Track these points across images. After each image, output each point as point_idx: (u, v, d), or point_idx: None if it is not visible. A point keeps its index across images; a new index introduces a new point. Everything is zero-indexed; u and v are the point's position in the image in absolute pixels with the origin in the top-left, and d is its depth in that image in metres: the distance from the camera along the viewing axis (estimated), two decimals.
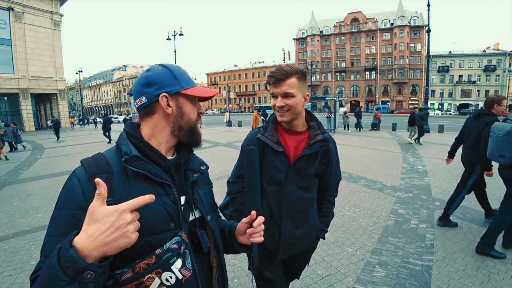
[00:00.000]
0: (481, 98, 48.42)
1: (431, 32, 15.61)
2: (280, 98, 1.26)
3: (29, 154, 11.12)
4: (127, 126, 0.83)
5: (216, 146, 11.58)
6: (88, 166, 0.70)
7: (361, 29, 55.70)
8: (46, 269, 0.53)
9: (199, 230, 0.81)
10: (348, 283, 2.52)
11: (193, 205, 0.83)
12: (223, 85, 72.60)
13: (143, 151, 0.76)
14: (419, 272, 2.65)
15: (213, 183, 1.01)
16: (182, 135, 0.81)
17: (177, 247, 0.69)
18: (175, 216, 0.74)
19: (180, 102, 0.80)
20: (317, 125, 1.40)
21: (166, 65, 0.82)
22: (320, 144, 1.34)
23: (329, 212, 1.57)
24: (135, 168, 0.71)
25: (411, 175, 6.31)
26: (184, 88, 0.80)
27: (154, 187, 0.72)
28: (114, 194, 0.67)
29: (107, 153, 0.77)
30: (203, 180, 0.92)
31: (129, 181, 0.71)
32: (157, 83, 0.78)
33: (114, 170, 0.71)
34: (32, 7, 24.80)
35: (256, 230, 0.82)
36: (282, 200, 1.37)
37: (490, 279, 2.52)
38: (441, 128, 15.79)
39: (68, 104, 43.38)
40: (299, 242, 1.43)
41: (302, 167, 1.35)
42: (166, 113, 0.78)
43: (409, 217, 3.97)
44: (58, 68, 27.26)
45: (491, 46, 51.27)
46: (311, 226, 1.45)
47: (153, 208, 0.70)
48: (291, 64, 1.31)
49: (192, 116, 0.82)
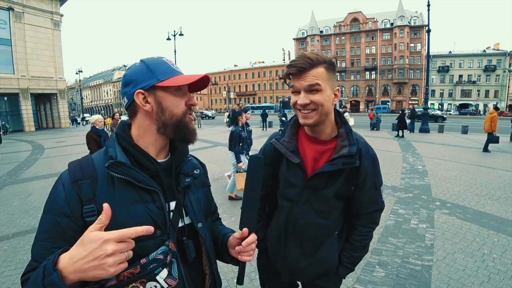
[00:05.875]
0: (481, 98, 48.48)
1: (431, 32, 15.61)
2: (304, 94, 0.99)
3: (29, 154, 11.11)
4: (119, 127, 0.79)
5: (216, 146, 11.57)
6: (73, 171, 0.69)
7: (361, 29, 55.65)
8: (32, 283, 0.54)
9: (186, 239, 0.78)
10: (348, 283, 2.52)
11: (183, 211, 0.79)
12: (223, 85, 72.60)
13: (132, 153, 0.73)
14: (419, 272, 2.65)
15: (213, 183, 0.99)
16: (168, 132, 0.75)
17: (162, 257, 0.68)
18: (161, 224, 0.71)
19: (159, 97, 0.73)
20: (345, 133, 1.09)
21: (144, 59, 0.76)
22: (344, 160, 1.03)
23: (359, 246, 1.20)
24: (119, 174, 0.68)
25: (411, 175, 6.31)
26: (160, 80, 0.72)
27: (140, 193, 0.70)
28: (98, 200, 0.66)
29: (95, 156, 0.74)
30: (197, 184, 0.87)
31: (114, 187, 0.68)
32: (133, 81, 0.74)
33: (98, 175, 0.69)
34: (32, 7, 24.77)
35: (245, 249, 0.75)
36: (290, 220, 1.15)
37: (490, 279, 2.52)
38: (441, 128, 15.79)
39: (68, 104, 43.36)
40: (304, 272, 1.19)
41: (319, 186, 1.08)
42: (146, 111, 0.73)
43: (409, 217, 3.97)
44: (58, 68, 27.22)
45: (491, 46, 51.26)
46: (323, 258, 1.17)
47: (138, 215, 0.68)
48: (317, 51, 1.05)
49: (176, 110, 0.74)
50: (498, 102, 46.46)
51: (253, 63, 73.33)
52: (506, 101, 46.34)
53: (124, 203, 0.68)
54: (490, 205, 4.39)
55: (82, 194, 0.66)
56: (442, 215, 4.02)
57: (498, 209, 4.19)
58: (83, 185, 0.67)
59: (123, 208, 0.67)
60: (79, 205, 0.65)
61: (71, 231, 0.64)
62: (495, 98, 47.69)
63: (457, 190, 5.15)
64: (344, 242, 1.23)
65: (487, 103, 47.65)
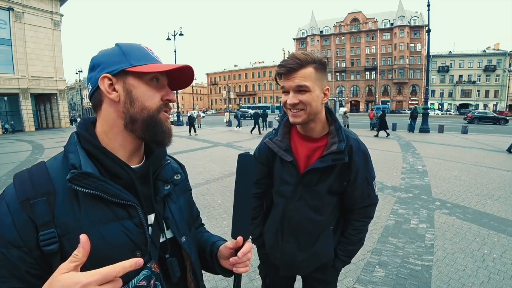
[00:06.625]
0: (481, 98, 48.48)
1: (431, 32, 15.62)
2: (293, 93, 1.01)
3: (29, 154, 11.11)
4: (80, 125, 0.64)
5: (216, 146, 11.56)
6: (21, 187, 0.54)
7: (361, 29, 55.68)
8: None
9: (169, 256, 0.67)
10: (348, 283, 2.52)
11: (163, 225, 0.67)
12: (223, 85, 72.64)
13: (98, 159, 0.59)
14: (419, 272, 2.64)
15: (213, 183, 0.98)
16: (137, 129, 0.61)
17: (146, 283, 0.57)
18: (140, 243, 0.59)
19: (129, 84, 0.60)
20: (335, 130, 1.11)
21: (119, 43, 0.65)
22: (333, 157, 1.06)
23: (354, 240, 1.23)
24: (85, 188, 0.54)
25: (411, 175, 6.31)
26: (132, 65, 0.60)
27: (112, 209, 0.57)
28: (58, 222, 0.52)
29: (50, 163, 0.59)
30: (178, 191, 0.74)
31: (78, 203, 0.54)
32: (101, 64, 0.61)
33: (57, 189, 0.54)
34: (32, 7, 24.77)
35: (241, 261, 0.66)
36: (285, 216, 1.18)
37: (490, 279, 2.52)
38: (441, 128, 15.79)
39: (68, 104, 43.32)
40: (302, 266, 1.23)
41: (312, 182, 1.12)
42: (112, 100, 0.60)
43: (409, 217, 3.97)
44: (58, 68, 27.22)
45: (491, 46, 51.29)
46: (319, 252, 1.20)
47: (112, 236, 0.55)
48: (308, 51, 1.05)
49: (148, 103, 0.61)
50: (498, 102, 46.50)
51: (253, 63, 73.37)
52: (506, 101, 46.35)
53: (94, 223, 0.54)
54: (490, 205, 4.38)
55: (35, 217, 0.51)
56: (442, 215, 4.02)
57: (498, 209, 4.19)
58: (36, 205, 0.52)
59: (92, 229, 0.53)
60: (33, 231, 0.51)
61: (23, 265, 0.50)
62: (495, 98, 47.72)
63: (457, 190, 5.15)
64: (340, 236, 1.26)
65: (487, 103, 47.69)
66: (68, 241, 0.52)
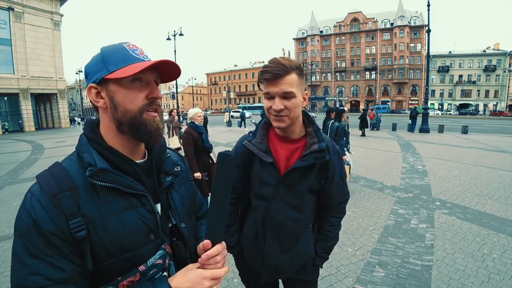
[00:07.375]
0: (481, 98, 48.47)
1: (431, 32, 15.61)
2: (279, 99, 1.02)
3: (29, 154, 11.11)
4: (86, 128, 0.69)
5: (216, 146, 11.56)
6: (46, 185, 0.60)
7: (361, 29, 55.64)
8: None
9: (176, 240, 0.76)
10: (348, 283, 2.52)
11: (169, 212, 0.75)
12: (223, 85, 72.63)
13: (107, 157, 0.65)
14: (419, 272, 2.65)
15: None
16: (126, 131, 0.66)
17: (162, 262, 0.67)
18: (154, 227, 0.68)
19: (110, 91, 0.64)
20: (314, 132, 1.16)
21: (103, 48, 0.68)
22: (315, 156, 1.10)
23: (330, 236, 1.29)
24: (104, 182, 0.61)
25: (411, 175, 6.31)
26: (110, 72, 0.63)
27: (127, 198, 0.65)
28: (83, 212, 0.60)
29: (67, 163, 0.65)
30: (179, 181, 0.81)
31: (97, 194, 0.62)
32: (89, 74, 0.66)
33: (78, 185, 0.61)
34: (32, 7, 24.77)
35: (207, 263, 0.64)
36: (267, 218, 1.18)
37: (490, 279, 2.52)
38: (441, 128, 15.78)
39: (68, 104, 43.29)
40: (285, 268, 1.23)
41: (293, 182, 1.14)
42: (101, 107, 0.66)
43: (409, 217, 3.97)
44: (58, 68, 27.22)
45: (491, 46, 51.25)
46: (301, 252, 1.23)
47: (129, 221, 0.64)
48: (287, 57, 1.08)
49: (130, 106, 0.64)
50: (498, 102, 46.50)
51: (253, 63, 73.32)
52: (506, 101, 46.33)
53: (113, 212, 0.63)
54: (490, 205, 4.39)
55: (64, 209, 0.58)
56: (442, 215, 4.02)
57: (498, 209, 4.19)
58: (63, 199, 0.59)
59: (113, 217, 0.62)
60: (65, 221, 0.58)
61: (66, 248, 0.58)
62: (495, 98, 47.70)
63: (457, 190, 5.15)
64: (317, 233, 1.30)
65: (487, 103, 47.68)
66: (93, 228, 0.60)
